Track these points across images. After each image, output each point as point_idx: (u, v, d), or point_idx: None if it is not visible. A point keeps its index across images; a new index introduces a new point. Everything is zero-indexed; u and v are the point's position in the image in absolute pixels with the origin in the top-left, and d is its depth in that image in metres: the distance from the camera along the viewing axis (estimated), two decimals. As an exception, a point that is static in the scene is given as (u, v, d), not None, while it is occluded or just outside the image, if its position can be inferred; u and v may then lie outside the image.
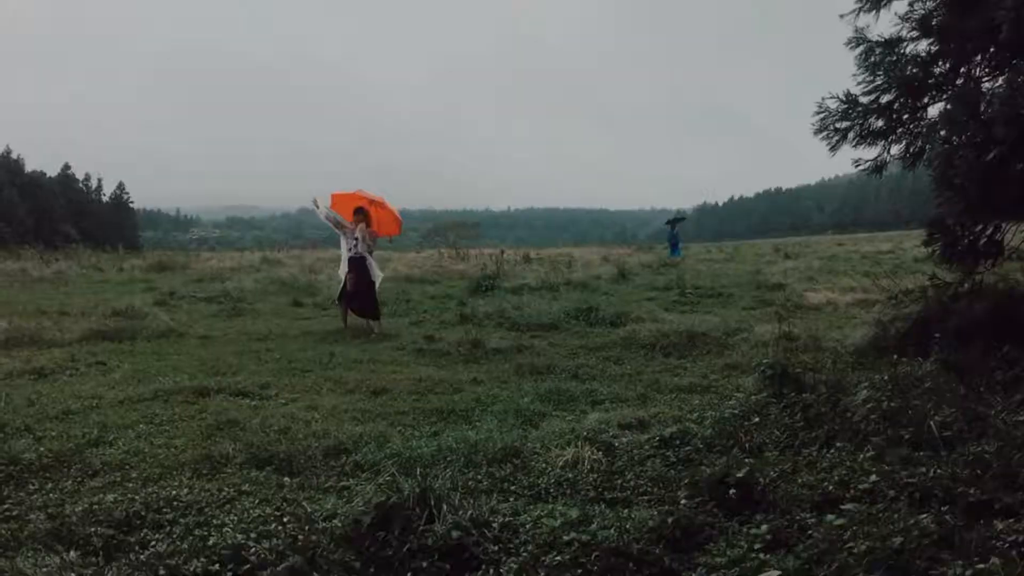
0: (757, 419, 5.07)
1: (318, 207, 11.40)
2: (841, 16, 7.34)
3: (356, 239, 11.27)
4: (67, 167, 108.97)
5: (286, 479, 4.59)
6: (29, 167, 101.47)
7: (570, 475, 4.45)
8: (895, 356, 6.16)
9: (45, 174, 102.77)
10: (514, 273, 18.99)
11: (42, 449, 5.00)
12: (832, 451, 4.43)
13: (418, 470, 4.24)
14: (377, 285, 11.55)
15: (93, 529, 3.72)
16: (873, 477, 3.90)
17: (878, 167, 7.52)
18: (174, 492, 4.27)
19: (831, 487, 3.87)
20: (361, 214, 11.40)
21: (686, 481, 4.06)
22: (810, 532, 3.36)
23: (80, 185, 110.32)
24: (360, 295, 11.22)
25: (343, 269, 11.31)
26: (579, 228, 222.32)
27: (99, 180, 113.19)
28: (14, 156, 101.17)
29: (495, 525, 3.56)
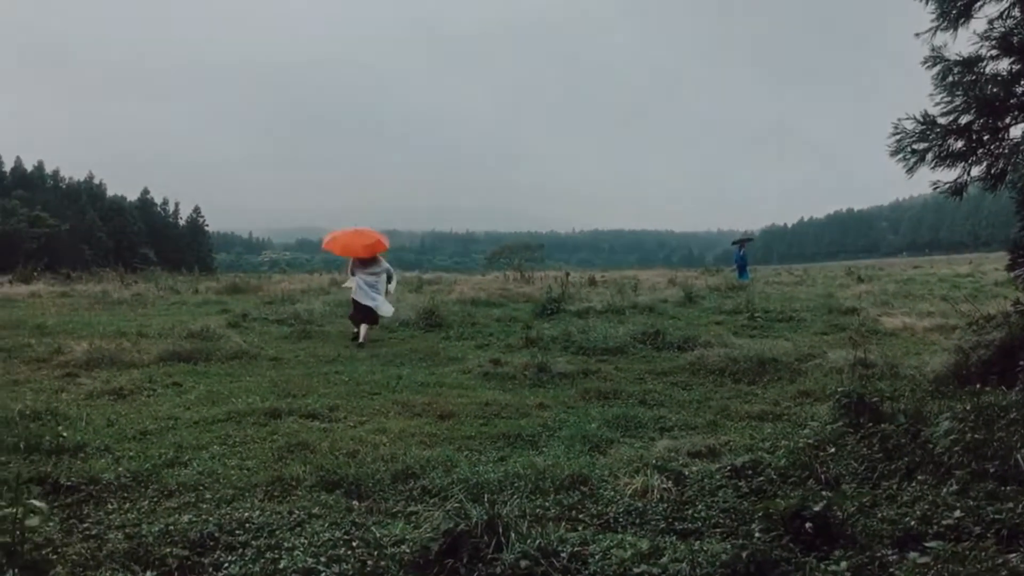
0: (833, 449, 4.93)
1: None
2: (917, 35, 7.18)
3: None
4: (146, 192, 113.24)
5: (355, 503, 4.62)
6: (110, 192, 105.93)
7: (639, 504, 4.38)
8: (977, 385, 5.96)
9: (125, 198, 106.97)
10: (579, 296, 18.91)
11: (120, 469, 5.13)
12: (913, 484, 4.29)
13: (486, 496, 4.23)
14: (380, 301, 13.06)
15: (168, 550, 3.79)
16: (957, 513, 3.77)
17: (958, 189, 7.30)
18: (247, 514, 4.33)
19: (913, 522, 3.74)
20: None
21: (760, 513, 3.94)
22: (892, 570, 3.25)
23: (158, 209, 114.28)
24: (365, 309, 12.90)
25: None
26: (644, 250, 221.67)
27: (176, 204, 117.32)
28: (96, 181, 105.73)
29: (563, 555, 3.52)
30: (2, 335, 12.04)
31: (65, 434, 5.83)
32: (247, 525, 4.18)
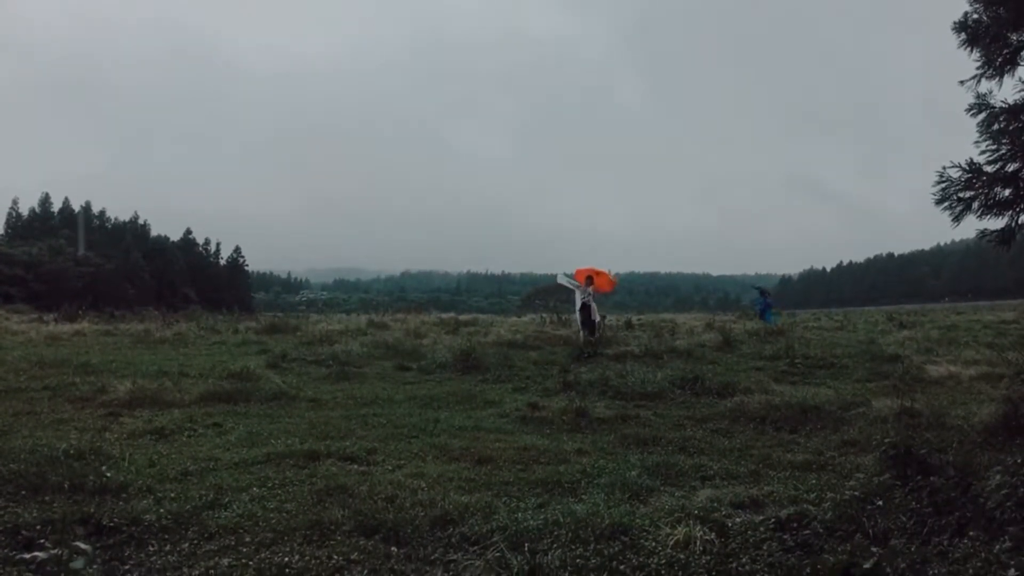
0: (881, 503, 4.82)
1: (563, 280, 20.22)
2: (961, 82, 7.15)
3: (588, 293, 18.85)
4: (189, 232, 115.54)
5: (393, 549, 4.60)
6: (154, 232, 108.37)
7: (682, 556, 4.31)
8: (1029, 437, 5.81)
9: (169, 239, 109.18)
10: (616, 339, 18.83)
11: (162, 510, 5.17)
12: (965, 541, 4.18)
13: (526, 545, 4.19)
14: (598, 319, 19.15)
15: (210, 594, 3.80)
16: (1012, 572, 3.66)
17: (1006, 238, 7.21)
18: (286, 559, 4.34)
19: (966, 582, 3.63)
20: (589, 280, 19.26)
21: (808, 570, 3.87)
22: (946, 631, 3.15)
23: (200, 249, 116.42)
24: (589, 324, 18.60)
25: (576, 314, 19.14)
26: (680, 293, 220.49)
27: (218, 244, 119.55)
28: (141, 222, 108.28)
29: (606, 608, 3.47)
30: (48, 373, 12.27)
31: (108, 474, 5.91)
32: (286, 570, 4.18)
